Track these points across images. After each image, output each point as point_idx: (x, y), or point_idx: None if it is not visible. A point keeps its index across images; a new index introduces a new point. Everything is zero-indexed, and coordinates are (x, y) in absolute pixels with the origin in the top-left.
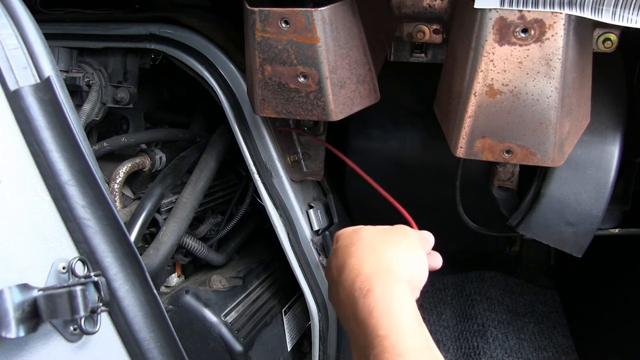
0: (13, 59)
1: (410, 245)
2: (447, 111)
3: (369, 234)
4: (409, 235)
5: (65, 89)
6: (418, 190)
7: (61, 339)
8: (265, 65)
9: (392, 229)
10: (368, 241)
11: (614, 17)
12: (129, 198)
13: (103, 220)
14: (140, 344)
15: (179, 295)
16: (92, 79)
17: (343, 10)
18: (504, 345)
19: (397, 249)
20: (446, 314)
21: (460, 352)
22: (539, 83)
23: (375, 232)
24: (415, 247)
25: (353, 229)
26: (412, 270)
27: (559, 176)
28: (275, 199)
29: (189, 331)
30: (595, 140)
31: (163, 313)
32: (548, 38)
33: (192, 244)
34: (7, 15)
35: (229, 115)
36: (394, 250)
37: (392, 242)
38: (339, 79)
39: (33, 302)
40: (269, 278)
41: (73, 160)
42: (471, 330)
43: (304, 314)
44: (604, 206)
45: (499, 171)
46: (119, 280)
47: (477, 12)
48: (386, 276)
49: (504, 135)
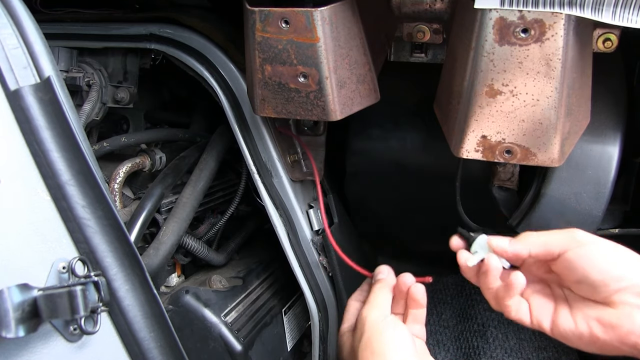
0: (13, 59)
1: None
2: (447, 111)
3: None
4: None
5: (65, 89)
6: (418, 190)
7: (61, 339)
8: (265, 65)
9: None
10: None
11: (614, 17)
12: (129, 198)
13: (103, 220)
14: (140, 344)
15: (179, 295)
16: (92, 79)
17: (343, 10)
18: (504, 345)
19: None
20: (446, 314)
21: (460, 352)
22: (539, 83)
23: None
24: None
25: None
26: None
27: (559, 176)
28: (275, 198)
29: (189, 331)
30: (595, 140)
31: (163, 313)
32: (548, 38)
33: (192, 244)
34: (7, 15)
35: (229, 115)
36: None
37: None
38: (339, 78)
39: (33, 302)
40: (269, 278)
41: (73, 160)
42: (471, 330)
43: (304, 313)
44: (604, 206)
45: (499, 171)
46: (119, 280)
47: (477, 12)
48: None
49: (504, 135)
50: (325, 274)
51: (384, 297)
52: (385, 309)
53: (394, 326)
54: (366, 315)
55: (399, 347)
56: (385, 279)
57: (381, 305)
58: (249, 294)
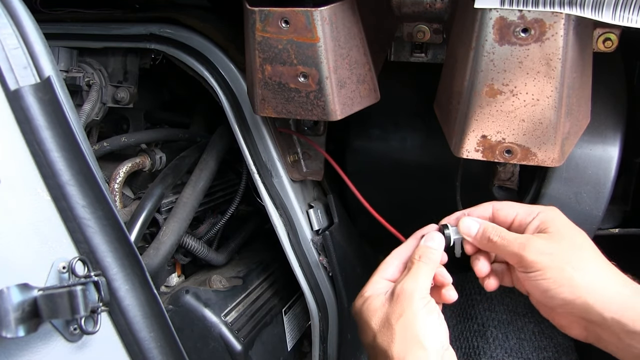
0: (13, 59)
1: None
2: (448, 111)
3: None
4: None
5: (65, 89)
6: (418, 190)
7: (61, 339)
8: (266, 65)
9: (392, 310)
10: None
11: (614, 17)
12: (129, 198)
13: (103, 220)
14: (140, 344)
15: (179, 295)
16: (92, 79)
17: (343, 10)
18: (504, 345)
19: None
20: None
21: (461, 352)
22: (539, 83)
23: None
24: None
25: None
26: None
27: (559, 176)
28: (275, 198)
29: (189, 331)
30: (595, 140)
31: (163, 313)
32: (548, 38)
33: (192, 243)
34: (7, 15)
35: (229, 115)
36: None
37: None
38: (339, 78)
39: (33, 301)
40: (269, 278)
41: (73, 160)
42: (471, 330)
43: (304, 313)
44: (604, 206)
45: (499, 171)
46: (119, 280)
47: (478, 12)
48: None
49: (504, 135)
50: (325, 274)
51: (429, 275)
52: (426, 290)
53: (437, 314)
54: (409, 293)
55: (436, 335)
56: (434, 259)
57: (425, 284)
58: (249, 294)
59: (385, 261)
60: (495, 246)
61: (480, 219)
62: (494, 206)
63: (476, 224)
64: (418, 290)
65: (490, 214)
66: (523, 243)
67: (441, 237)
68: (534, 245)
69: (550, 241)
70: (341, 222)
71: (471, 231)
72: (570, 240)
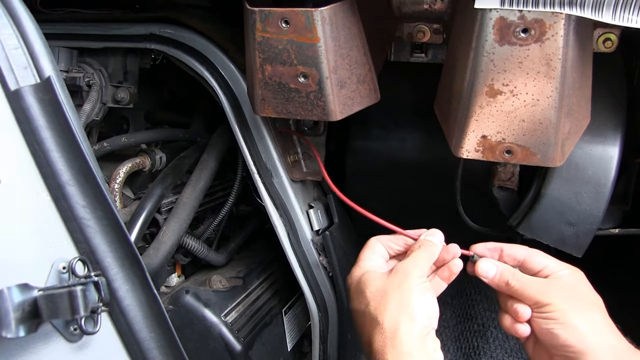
0: (13, 59)
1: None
2: (448, 111)
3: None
4: (406, 281)
5: (65, 89)
6: (418, 191)
7: (61, 339)
8: (266, 65)
9: (392, 279)
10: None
11: (614, 17)
12: (129, 198)
13: (103, 220)
14: (140, 344)
15: (179, 295)
16: (92, 79)
17: (343, 10)
18: (504, 345)
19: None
20: (446, 314)
21: (461, 352)
22: (539, 83)
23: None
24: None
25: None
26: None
27: (559, 176)
28: (275, 199)
29: (189, 331)
30: (595, 140)
31: (163, 313)
32: (548, 38)
33: (192, 244)
34: (8, 15)
35: (229, 115)
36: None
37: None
38: (339, 79)
39: (33, 302)
40: (269, 278)
41: (73, 160)
42: (471, 330)
43: (304, 314)
44: (604, 206)
45: (499, 171)
46: (119, 281)
47: (478, 12)
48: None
49: (504, 135)
50: (325, 274)
51: (428, 260)
52: (425, 272)
53: (432, 295)
54: (409, 270)
55: (427, 312)
56: (437, 245)
57: (424, 267)
58: (249, 294)
59: (382, 241)
60: (512, 289)
61: (498, 262)
62: (526, 253)
63: (494, 267)
64: (417, 270)
65: (522, 257)
66: (543, 285)
67: (441, 235)
68: (554, 289)
69: (567, 291)
70: (341, 222)
71: (489, 275)
72: (585, 297)
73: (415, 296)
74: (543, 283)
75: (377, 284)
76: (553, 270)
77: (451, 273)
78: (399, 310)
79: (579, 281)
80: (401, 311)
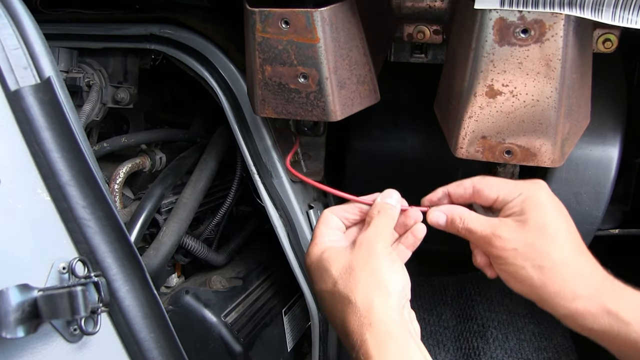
0: (13, 59)
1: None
2: (448, 111)
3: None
4: (372, 254)
5: (65, 90)
6: (418, 191)
7: (61, 340)
8: (266, 66)
9: (355, 258)
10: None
11: (614, 17)
12: (129, 198)
13: (103, 220)
14: (140, 345)
15: (179, 296)
16: (92, 80)
17: (343, 10)
18: (504, 345)
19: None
20: (446, 315)
21: (460, 352)
22: (539, 83)
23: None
24: (380, 268)
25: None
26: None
27: (559, 176)
28: (275, 199)
29: (189, 331)
30: (595, 141)
31: (163, 313)
32: (548, 39)
33: (192, 244)
34: (7, 16)
35: (229, 115)
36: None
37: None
38: (339, 79)
39: (33, 302)
40: (269, 278)
41: (73, 160)
42: (471, 331)
43: (304, 314)
44: (604, 207)
45: (499, 172)
46: (119, 281)
47: (477, 13)
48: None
49: (504, 135)
50: None
51: (388, 229)
52: (389, 240)
53: (400, 264)
54: (373, 242)
55: (399, 281)
56: (394, 211)
57: (387, 235)
58: (249, 294)
59: (335, 212)
60: (464, 235)
61: (447, 208)
62: (474, 186)
63: (443, 216)
64: (381, 240)
65: (470, 194)
66: (488, 236)
67: (397, 194)
68: (500, 238)
69: (518, 232)
70: None
71: (440, 223)
72: (543, 230)
73: (385, 269)
74: (488, 225)
75: (341, 261)
76: (504, 201)
77: (415, 239)
78: (371, 286)
79: (536, 205)
80: (373, 287)
